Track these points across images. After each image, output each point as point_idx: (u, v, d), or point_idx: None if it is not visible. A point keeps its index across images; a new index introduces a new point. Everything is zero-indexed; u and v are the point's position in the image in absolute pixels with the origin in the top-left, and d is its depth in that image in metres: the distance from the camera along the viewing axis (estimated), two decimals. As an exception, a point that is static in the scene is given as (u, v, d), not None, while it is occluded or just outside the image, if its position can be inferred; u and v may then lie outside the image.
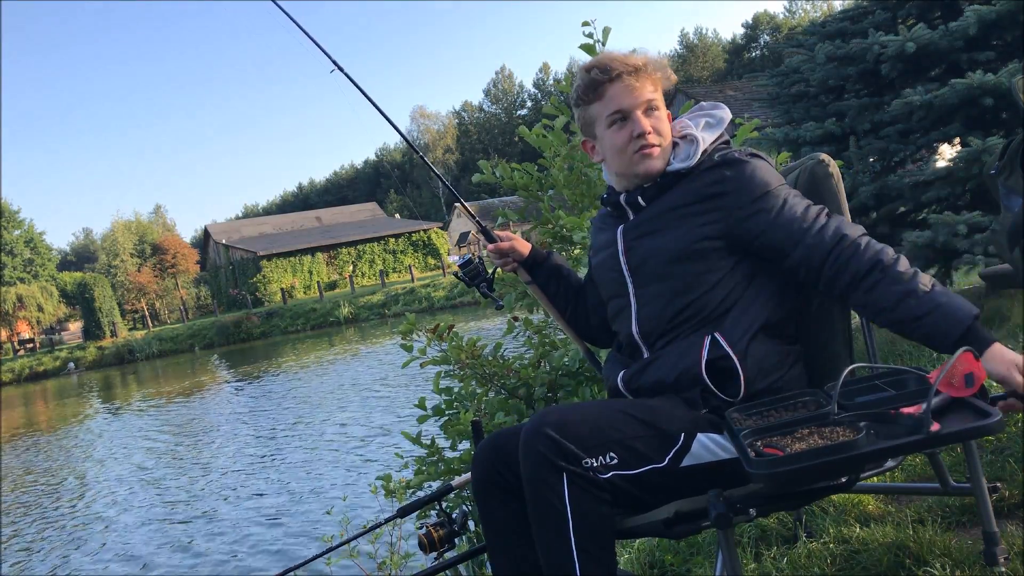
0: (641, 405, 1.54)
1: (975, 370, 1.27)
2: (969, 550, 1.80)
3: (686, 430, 1.49)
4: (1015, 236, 1.50)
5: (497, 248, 2.02)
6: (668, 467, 1.47)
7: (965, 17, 4.10)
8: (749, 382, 1.55)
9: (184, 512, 8.03)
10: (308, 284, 42.67)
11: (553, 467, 1.42)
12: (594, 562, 1.42)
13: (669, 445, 1.48)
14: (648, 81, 1.66)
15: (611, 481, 1.44)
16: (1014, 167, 1.62)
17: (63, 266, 64.09)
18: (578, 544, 1.41)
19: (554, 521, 1.42)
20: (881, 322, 1.47)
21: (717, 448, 1.49)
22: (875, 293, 1.45)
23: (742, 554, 2.16)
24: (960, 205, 4.34)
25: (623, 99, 1.65)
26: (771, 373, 1.58)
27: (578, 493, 1.42)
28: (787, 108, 5.46)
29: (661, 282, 1.64)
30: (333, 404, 12.83)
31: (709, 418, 1.53)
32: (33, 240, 49.82)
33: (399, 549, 3.29)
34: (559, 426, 1.44)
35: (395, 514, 2.05)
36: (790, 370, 1.62)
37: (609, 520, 1.46)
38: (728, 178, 1.60)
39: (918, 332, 1.41)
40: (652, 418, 1.50)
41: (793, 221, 1.55)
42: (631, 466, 1.45)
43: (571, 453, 1.42)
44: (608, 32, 3.49)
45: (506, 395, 3.53)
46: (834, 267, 1.50)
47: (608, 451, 1.44)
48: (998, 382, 1.33)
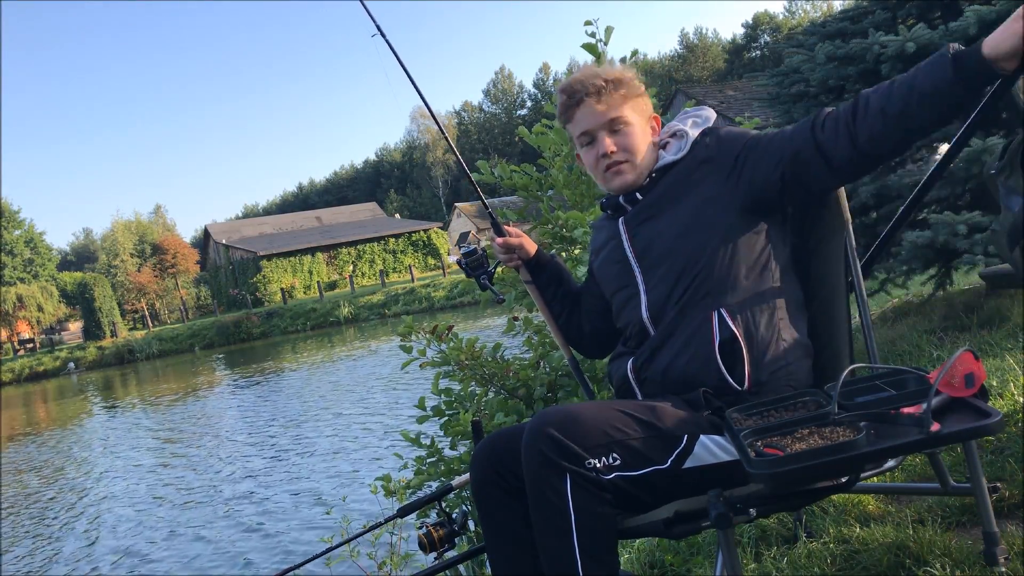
0: (643, 406, 1.53)
1: (975, 370, 1.28)
2: (969, 550, 1.80)
3: (688, 431, 1.49)
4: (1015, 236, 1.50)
5: (506, 243, 2.03)
6: (670, 469, 1.47)
7: (965, 17, 4.10)
8: (755, 364, 1.55)
9: (183, 512, 8.03)
10: (308, 284, 42.68)
11: (556, 467, 1.41)
12: (596, 563, 1.41)
13: (672, 446, 1.47)
14: (614, 98, 1.71)
15: (613, 482, 1.44)
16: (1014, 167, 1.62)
17: (63, 266, 64.12)
18: (581, 545, 1.40)
19: (557, 522, 1.42)
20: (893, 111, 1.46)
21: (719, 450, 1.49)
22: (870, 108, 1.48)
23: (742, 554, 2.16)
24: (960, 205, 4.34)
25: (588, 121, 1.73)
26: (780, 359, 1.57)
27: (581, 494, 1.41)
28: (787, 108, 5.46)
29: (669, 260, 1.65)
30: (333, 404, 12.83)
31: (711, 419, 1.53)
32: (33, 240, 49.87)
33: (399, 549, 3.29)
34: (562, 426, 1.43)
35: (395, 514, 2.04)
36: (799, 362, 1.62)
37: (611, 521, 1.45)
38: (710, 144, 1.70)
39: (920, 90, 1.43)
40: (654, 419, 1.49)
41: (773, 139, 1.63)
42: (634, 467, 1.45)
43: (574, 453, 1.41)
44: (611, 32, 3.49)
45: (506, 395, 3.53)
46: (823, 131, 1.54)
47: (611, 452, 1.44)
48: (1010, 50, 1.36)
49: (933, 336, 4.24)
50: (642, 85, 1.79)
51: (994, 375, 2.81)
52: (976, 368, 1.27)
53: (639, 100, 1.76)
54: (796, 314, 1.66)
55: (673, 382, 1.61)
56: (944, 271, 4.80)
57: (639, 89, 1.77)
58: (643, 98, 1.78)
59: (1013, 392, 2.48)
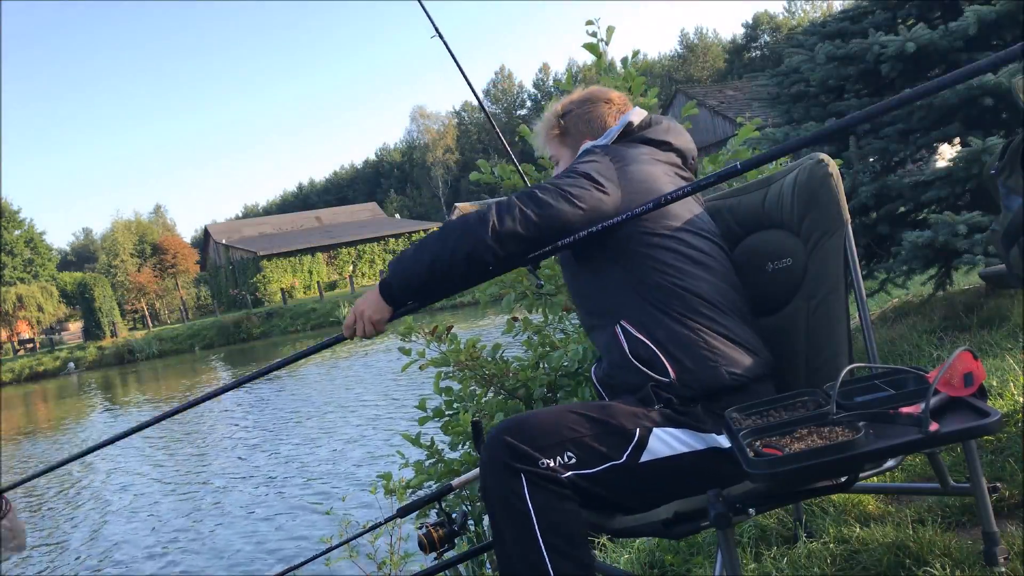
0: (597, 406, 1.57)
1: (974, 370, 1.28)
2: (969, 550, 1.80)
3: (641, 426, 1.52)
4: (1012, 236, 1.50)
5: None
6: (628, 463, 1.49)
7: (965, 17, 4.10)
8: (671, 356, 1.59)
9: (183, 512, 8.03)
10: (308, 284, 42.67)
11: (511, 470, 1.44)
12: (564, 558, 1.42)
13: (625, 441, 1.50)
14: (544, 139, 1.95)
15: (572, 481, 1.46)
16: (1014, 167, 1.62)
17: (63, 266, 64.09)
18: (547, 543, 1.42)
19: (519, 522, 1.43)
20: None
21: (676, 443, 1.52)
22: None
23: (742, 554, 2.16)
24: (960, 205, 4.34)
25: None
26: (702, 348, 1.58)
27: (539, 493, 1.43)
28: (787, 108, 5.46)
29: (575, 297, 1.85)
30: (333, 404, 12.83)
31: (665, 413, 1.55)
32: (33, 240, 49.82)
33: (399, 549, 3.29)
34: (515, 432, 1.47)
35: (395, 514, 2.05)
36: (733, 350, 1.60)
37: (575, 515, 1.46)
38: None
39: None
40: (606, 416, 1.53)
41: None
42: (590, 465, 1.48)
43: (527, 455, 1.44)
44: (612, 31, 3.50)
45: (506, 396, 3.53)
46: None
47: (565, 451, 1.47)
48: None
49: (933, 336, 4.24)
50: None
51: (994, 375, 2.81)
52: (975, 367, 1.28)
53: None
54: (713, 308, 1.63)
55: (619, 386, 1.69)
56: (944, 271, 4.80)
57: (560, 128, 1.93)
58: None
59: (1013, 392, 2.48)
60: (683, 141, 1.89)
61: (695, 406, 1.55)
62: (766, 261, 1.83)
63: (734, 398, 1.55)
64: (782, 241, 1.82)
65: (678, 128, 1.91)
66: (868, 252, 4.84)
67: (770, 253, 1.83)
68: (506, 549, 1.46)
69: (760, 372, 1.62)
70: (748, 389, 1.58)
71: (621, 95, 1.96)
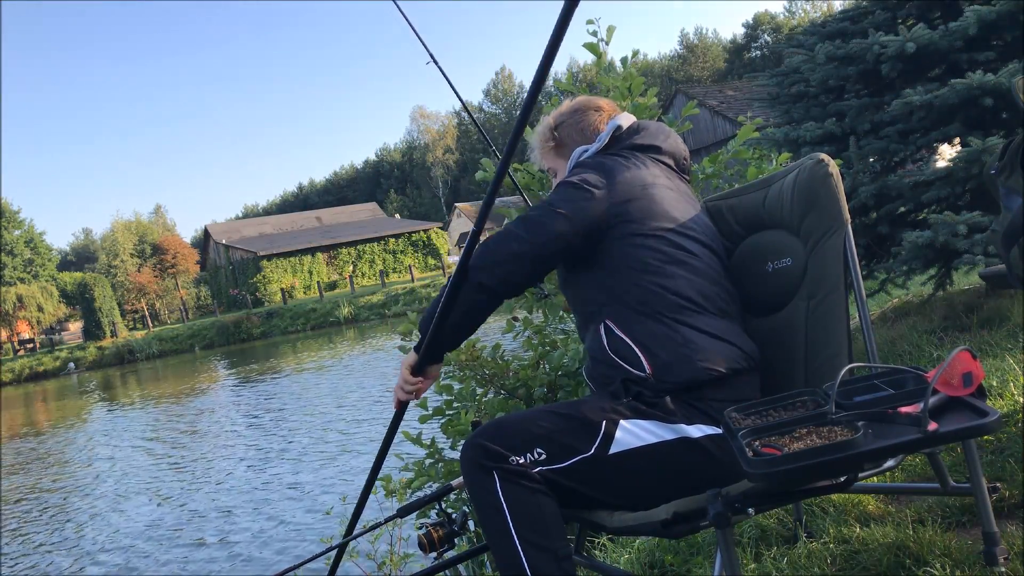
0: (567, 403, 1.64)
1: (973, 369, 1.28)
2: (969, 550, 1.80)
3: (608, 419, 1.56)
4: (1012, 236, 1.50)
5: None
6: (597, 455, 1.54)
7: (965, 17, 4.10)
8: (649, 352, 1.61)
9: (183, 512, 8.04)
10: (308, 284, 42.67)
11: (484, 469, 1.50)
12: (539, 551, 1.46)
13: (592, 435, 1.55)
14: (539, 153, 2.00)
15: (543, 476, 1.51)
16: (1014, 167, 1.62)
17: (63, 266, 64.09)
18: (520, 536, 1.46)
19: (494, 518, 1.49)
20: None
21: (644, 433, 1.55)
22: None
23: (742, 554, 2.16)
24: (960, 205, 4.33)
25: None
26: (679, 345, 1.60)
27: (511, 488, 1.49)
28: (787, 108, 5.45)
29: (566, 292, 1.88)
30: (333, 404, 12.83)
31: (633, 405, 1.59)
32: (33, 240, 49.82)
33: (399, 549, 3.29)
34: (489, 434, 1.54)
35: (395, 514, 2.05)
36: (712, 346, 1.61)
37: (550, 508, 1.51)
38: None
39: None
40: (573, 411, 1.58)
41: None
42: (559, 459, 1.53)
43: (498, 454, 1.51)
44: (612, 31, 3.50)
45: (506, 395, 3.54)
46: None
47: (534, 447, 1.52)
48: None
49: (933, 336, 4.24)
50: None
51: (994, 375, 2.81)
52: (974, 367, 1.27)
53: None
54: (692, 304, 1.66)
55: (598, 380, 1.74)
56: (944, 271, 4.80)
57: (554, 140, 1.96)
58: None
59: (1013, 392, 2.48)
60: (671, 143, 1.90)
61: (664, 398, 1.58)
62: (766, 261, 1.83)
63: (712, 391, 1.59)
64: (782, 241, 1.82)
65: (666, 131, 1.93)
66: (868, 252, 4.84)
67: (770, 253, 1.83)
68: (491, 546, 1.52)
69: (739, 366, 1.63)
70: (727, 383, 1.60)
71: (610, 102, 2.00)
